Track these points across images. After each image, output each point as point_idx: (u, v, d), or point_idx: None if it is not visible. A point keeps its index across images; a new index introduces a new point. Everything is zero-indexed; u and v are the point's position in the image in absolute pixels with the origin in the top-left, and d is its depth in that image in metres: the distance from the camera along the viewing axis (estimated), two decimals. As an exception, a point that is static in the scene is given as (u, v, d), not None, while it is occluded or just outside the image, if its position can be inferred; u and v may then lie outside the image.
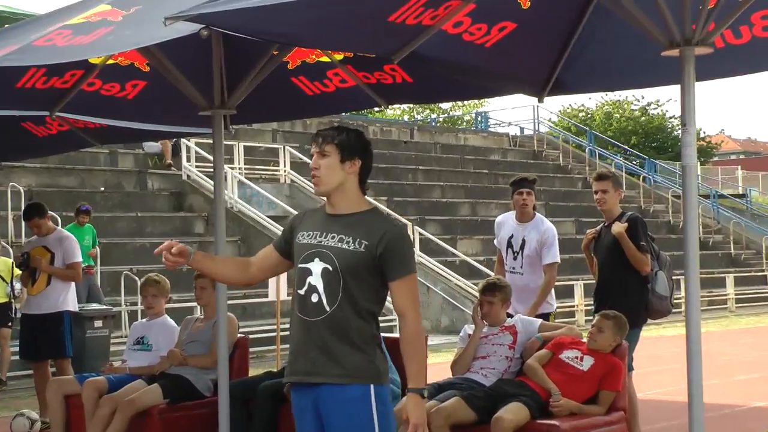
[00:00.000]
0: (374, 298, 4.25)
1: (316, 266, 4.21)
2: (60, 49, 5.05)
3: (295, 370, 4.28)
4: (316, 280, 4.20)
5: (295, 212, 19.90)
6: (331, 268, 4.18)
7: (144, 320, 8.34)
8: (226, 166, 15.53)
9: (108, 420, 7.19)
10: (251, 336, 9.37)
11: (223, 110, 6.10)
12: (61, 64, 6.00)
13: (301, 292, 4.25)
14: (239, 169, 21.21)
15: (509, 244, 8.29)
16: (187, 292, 13.40)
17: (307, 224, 4.38)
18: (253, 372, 8.25)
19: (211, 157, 17.70)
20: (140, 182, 20.32)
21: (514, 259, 8.26)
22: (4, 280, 12.54)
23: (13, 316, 12.34)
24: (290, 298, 3.94)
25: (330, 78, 6.59)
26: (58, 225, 10.99)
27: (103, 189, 19.40)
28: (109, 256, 16.50)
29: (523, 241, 8.20)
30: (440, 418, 6.20)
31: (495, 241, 8.61)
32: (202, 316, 8.06)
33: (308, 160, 22.37)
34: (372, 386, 4.18)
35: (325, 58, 6.43)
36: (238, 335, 7.97)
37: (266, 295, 12.90)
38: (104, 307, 13.13)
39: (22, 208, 13.19)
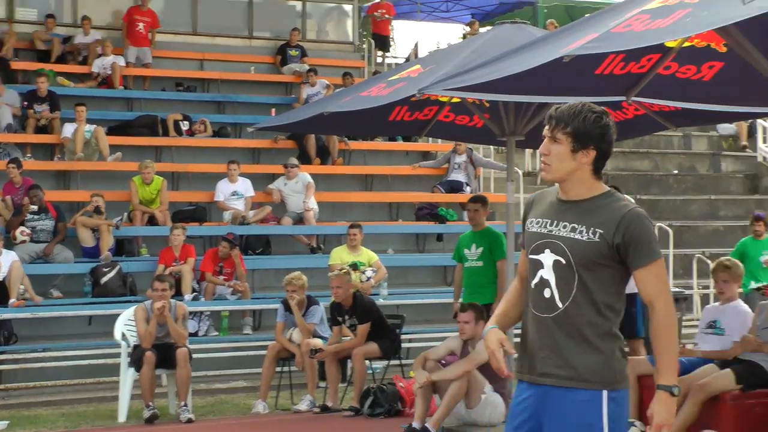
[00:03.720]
0: (613, 290, 3.86)
1: (547, 258, 3.87)
2: (637, 34, 5.17)
3: (524, 368, 3.97)
4: (548, 273, 3.86)
5: None
6: (563, 261, 3.83)
7: (716, 304, 8.25)
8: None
9: (679, 403, 7.22)
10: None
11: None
12: (638, 49, 6.12)
13: (533, 285, 3.92)
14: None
15: None
16: None
17: (537, 210, 4.02)
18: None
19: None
20: (714, 165, 19.98)
21: None
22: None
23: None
24: None
25: None
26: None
27: (676, 172, 19.37)
28: (681, 239, 16.47)
29: None
30: None
31: None
32: (777, 303, 7.80)
33: None
34: (605, 392, 3.80)
35: None
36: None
37: None
38: (675, 290, 13.10)
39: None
